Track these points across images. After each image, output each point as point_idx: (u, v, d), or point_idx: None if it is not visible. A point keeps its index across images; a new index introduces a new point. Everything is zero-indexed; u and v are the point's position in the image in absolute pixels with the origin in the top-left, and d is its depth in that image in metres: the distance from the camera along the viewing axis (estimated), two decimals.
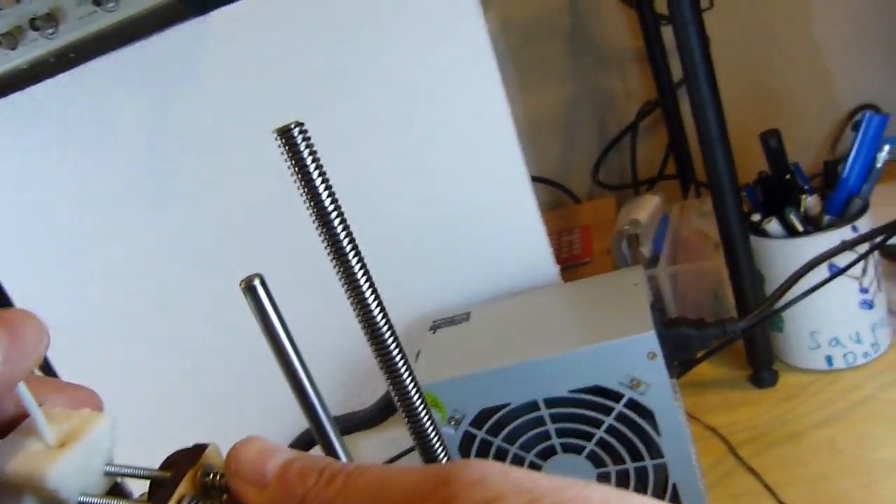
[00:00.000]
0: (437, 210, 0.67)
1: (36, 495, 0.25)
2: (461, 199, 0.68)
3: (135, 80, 0.69)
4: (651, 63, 1.12)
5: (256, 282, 0.31)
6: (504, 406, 0.58)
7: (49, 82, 0.71)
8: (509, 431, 0.59)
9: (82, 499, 0.26)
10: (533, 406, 0.58)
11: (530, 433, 0.59)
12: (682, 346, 0.60)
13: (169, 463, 0.28)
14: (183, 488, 0.26)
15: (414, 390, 0.36)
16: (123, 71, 0.69)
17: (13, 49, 0.66)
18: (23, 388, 0.26)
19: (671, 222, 0.98)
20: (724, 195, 0.71)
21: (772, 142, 0.75)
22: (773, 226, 0.73)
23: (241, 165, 0.69)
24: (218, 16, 0.64)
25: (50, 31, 0.64)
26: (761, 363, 0.77)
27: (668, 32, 1.12)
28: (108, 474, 0.27)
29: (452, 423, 0.59)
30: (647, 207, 0.98)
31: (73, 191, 0.73)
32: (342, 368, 0.75)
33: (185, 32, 0.65)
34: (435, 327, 0.66)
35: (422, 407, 0.37)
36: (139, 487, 0.29)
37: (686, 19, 0.65)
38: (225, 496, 0.26)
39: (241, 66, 0.65)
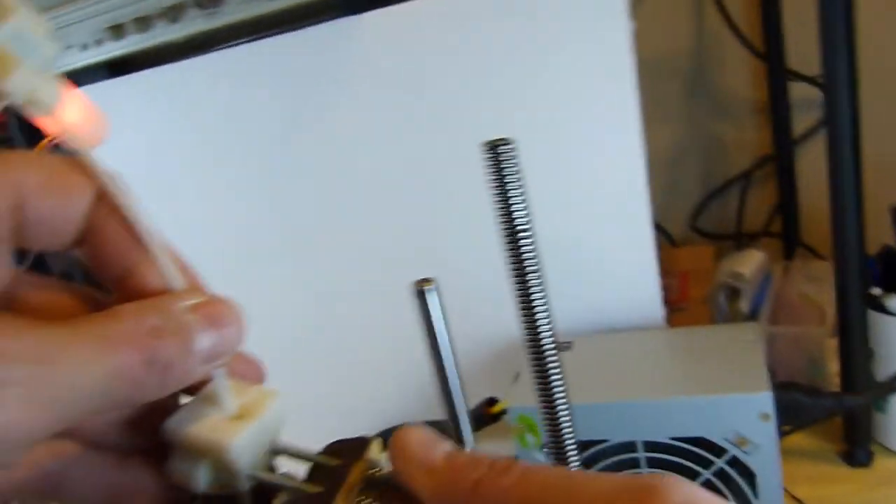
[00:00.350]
0: (558, 234, 0.67)
1: (213, 462, 0.26)
2: (582, 227, 0.67)
3: (279, 69, 0.71)
4: (773, 116, 1.09)
5: (427, 287, 0.32)
6: (601, 442, 0.57)
7: (197, 60, 0.74)
8: (602, 468, 0.58)
9: (253, 473, 0.27)
10: (630, 447, 0.57)
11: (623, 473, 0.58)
12: (792, 411, 0.58)
13: (333, 450, 0.28)
14: (353, 477, 0.26)
15: (563, 403, 0.36)
16: (270, 58, 0.71)
17: (174, 22, 0.69)
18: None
19: (773, 282, 0.95)
20: (849, 264, 0.69)
21: None
22: (894, 303, 0.71)
23: (373, 167, 0.70)
24: (372, 16, 0.66)
25: (212, 9, 0.67)
26: (860, 441, 0.74)
27: (794, 87, 1.10)
28: (273, 452, 0.28)
29: (545, 449, 0.59)
30: (750, 262, 0.95)
31: (203, 168, 0.76)
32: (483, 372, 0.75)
33: (338, 28, 0.67)
34: None
35: (566, 419, 0.37)
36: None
37: (840, 79, 0.63)
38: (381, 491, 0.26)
39: (389, 68, 0.66)
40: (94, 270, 0.24)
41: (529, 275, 0.32)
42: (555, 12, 0.62)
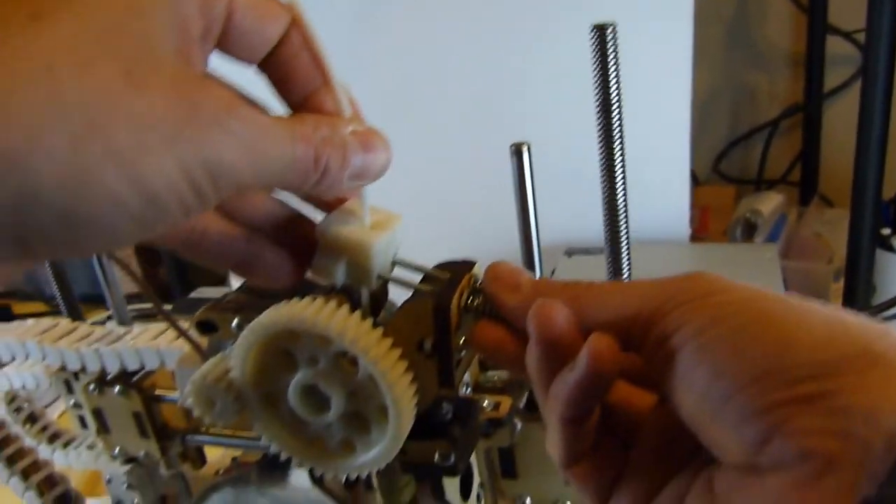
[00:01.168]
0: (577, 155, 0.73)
1: (352, 260, 0.32)
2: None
3: None
4: (807, 68, 1.13)
5: (524, 148, 0.38)
6: None
7: None
8: None
9: (382, 273, 0.33)
10: None
11: None
12: None
13: (442, 266, 0.34)
14: (464, 283, 0.32)
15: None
16: None
17: None
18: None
19: (788, 222, 1.01)
20: (865, 203, 0.75)
21: None
22: None
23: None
24: None
25: None
26: None
27: (830, 42, 1.13)
28: (395, 263, 0.34)
29: None
30: (769, 202, 1.01)
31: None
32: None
33: None
34: (570, 252, 0.72)
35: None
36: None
37: (882, 30, 0.67)
38: (486, 303, 0.32)
39: None
40: (274, 88, 0.30)
41: (616, 151, 0.37)
42: None
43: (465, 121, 0.82)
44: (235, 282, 1.08)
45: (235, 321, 0.36)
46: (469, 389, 0.44)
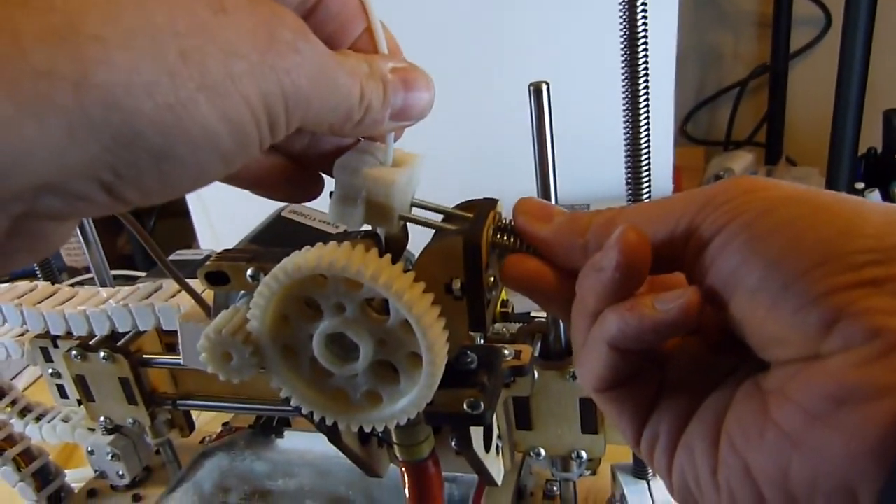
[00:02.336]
0: (594, 108, 0.71)
1: (372, 199, 0.31)
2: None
3: None
4: (774, 28, 1.14)
5: (543, 87, 0.36)
6: None
7: None
8: None
9: (403, 213, 0.31)
10: None
11: None
12: None
13: (465, 206, 0.33)
14: (490, 220, 0.31)
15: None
16: None
17: None
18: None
19: None
20: (842, 158, 0.76)
21: (895, 120, 0.79)
22: (875, 195, 0.78)
23: None
24: None
25: None
26: None
27: (797, 4, 1.14)
28: (414, 204, 0.33)
29: None
30: (740, 161, 1.02)
31: None
32: None
33: None
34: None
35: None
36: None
37: None
38: (513, 238, 0.31)
39: None
40: (318, 27, 0.28)
41: (638, 93, 0.36)
42: None
43: (480, 62, 0.80)
44: (204, 244, 1.05)
45: (250, 271, 0.34)
46: (481, 342, 0.43)
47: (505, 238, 0.31)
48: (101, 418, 0.54)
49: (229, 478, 0.53)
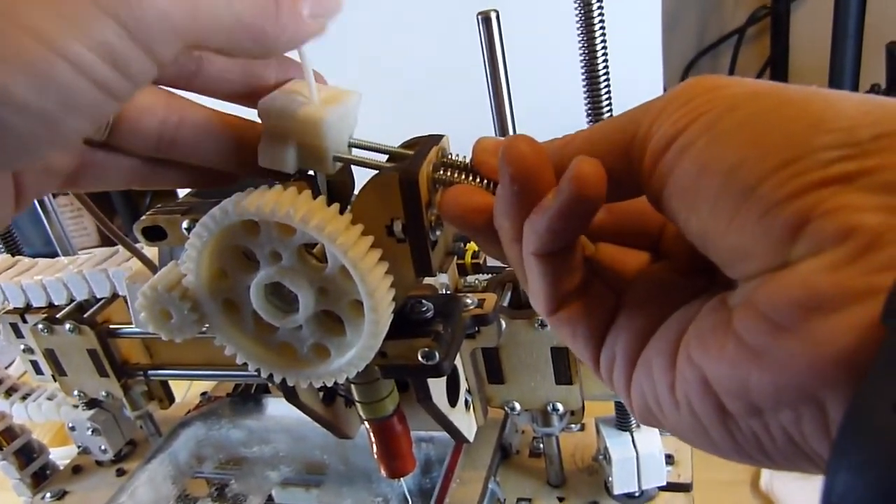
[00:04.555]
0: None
1: (302, 140, 0.29)
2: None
3: None
4: None
5: (492, 15, 0.34)
6: None
7: None
8: None
9: (338, 153, 0.29)
10: None
11: None
12: None
13: (409, 144, 0.31)
14: (432, 155, 0.29)
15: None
16: None
17: None
18: (305, 49, 0.28)
19: None
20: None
21: None
22: None
23: None
24: None
25: None
26: None
27: None
28: (351, 145, 0.30)
29: None
30: None
31: None
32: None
33: None
34: None
35: None
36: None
37: None
38: (461, 174, 0.29)
39: None
40: None
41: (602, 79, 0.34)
42: None
43: None
44: None
45: (185, 223, 0.32)
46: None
47: (454, 174, 0.28)
48: (75, 392, 0.53)
49: (205, 447, 0.52)
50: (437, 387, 0.36)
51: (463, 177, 0.28)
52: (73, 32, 0.19)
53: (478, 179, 0.27)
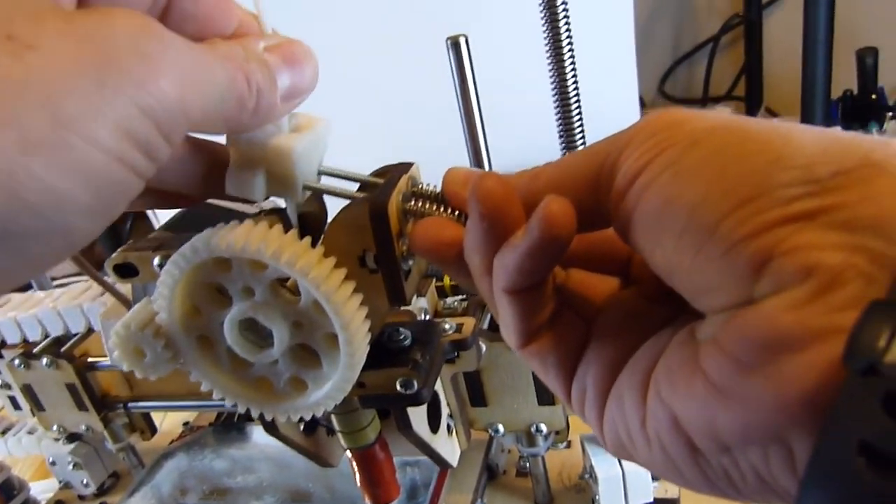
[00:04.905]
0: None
1: (271, 169, 0.28)
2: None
3: None
4: None
5: (461, 40, 0.34)
6: None
7: None
8: None
9: (308, 182, 0.29)
10: None
11: None
12: None
13: (380, 172, 0.31)
14: (401, 185, 0.29)
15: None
16: None
17: None
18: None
19: None
20: (815, 101, 0.73)
21: (868, 59, 0.77)
22: None
23: None
24: None
25: None
26: None
27: None
28: (322, 172, 0.30)
29: None
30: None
31: None
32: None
33: None
34: None
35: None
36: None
37: None
38: (431, 204, 0.29)
39: None
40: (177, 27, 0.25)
41: (570, 82, 0.34)
42: None
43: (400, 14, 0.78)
44: None
45: (157, 260, 0.32)
46: (428, 318, 0.41)
47: (424, 205, 0.28)
48: (55, 427, 0.52)
49: (188, 478, 0.51)
50: (418, 414, 0.36)
51: (433, 207, 0.28)
52: (117, 133, 0.19)
53: (448, 210, 0.27)
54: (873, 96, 0.77)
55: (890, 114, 0.74)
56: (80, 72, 0.18)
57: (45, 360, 0.48)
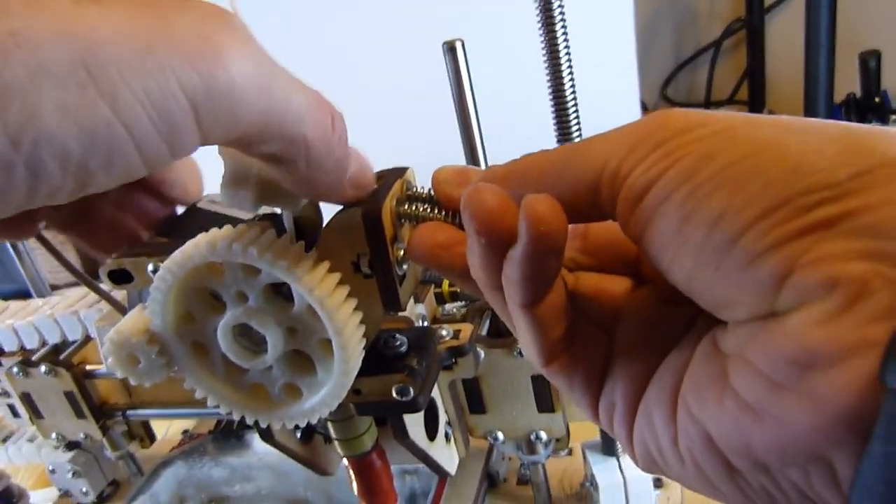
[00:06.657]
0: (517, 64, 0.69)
1: (263, 177, 0.28)
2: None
3: None
4: None
5: (458, 45, 0.34)
6: None
7: None
8: None
9: None
10: None
11: None
12: None
13: (375, 176, 0.30)
14: (396, 188, 0.29)
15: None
16: None
17: None
18: None
19: None
20: (818, 104, 0.73)
21: (871, 62, 0.76)
22: None
23: None
24: None
25: None
26: None
27: None
28: None
29: None
30: None
31: None
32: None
33: None
34: None
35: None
36: None
37: None
38: (426, 207, 0.28)
39: None
40: None
41: (567, 88, 0.34)
42: None
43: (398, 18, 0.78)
44: None
45: (151, 266, 0.32)
46: (426, 324, 0.40)
47: (419, 209, 0.28)
48: (53, 435, 0.52)
49: (187, 486, 0.51)
50: (415, 421, 0.35)
51: (428, 209, 0.28)
52: (142, 100, 0.18)
53: (443, 213, 0.27)
54: (877, 99, 0.76)
55: (894, 116, 0.73)
56: (132, 28, 0.18)
57: (43, 368, 0.47)
